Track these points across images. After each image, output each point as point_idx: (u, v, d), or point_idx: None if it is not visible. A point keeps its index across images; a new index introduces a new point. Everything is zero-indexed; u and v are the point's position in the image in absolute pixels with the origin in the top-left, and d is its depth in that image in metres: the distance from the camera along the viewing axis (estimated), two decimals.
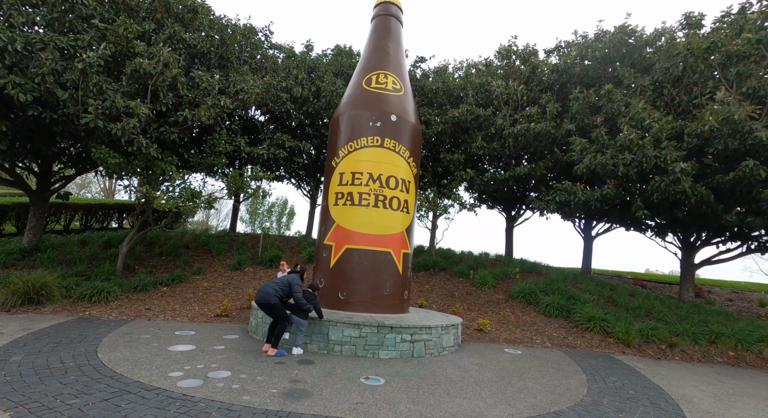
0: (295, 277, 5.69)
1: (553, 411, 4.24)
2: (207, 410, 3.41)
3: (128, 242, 9.63)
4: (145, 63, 7.61)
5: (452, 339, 6.63)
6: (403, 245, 7.31)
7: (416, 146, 7.92)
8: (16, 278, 7.47)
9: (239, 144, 10.96)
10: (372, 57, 8.19)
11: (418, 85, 14.91)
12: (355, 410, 3.71)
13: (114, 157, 7.90)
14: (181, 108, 8.78)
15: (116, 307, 7.76)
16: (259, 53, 13.82)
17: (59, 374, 4.04)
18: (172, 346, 5.44)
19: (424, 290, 11.29)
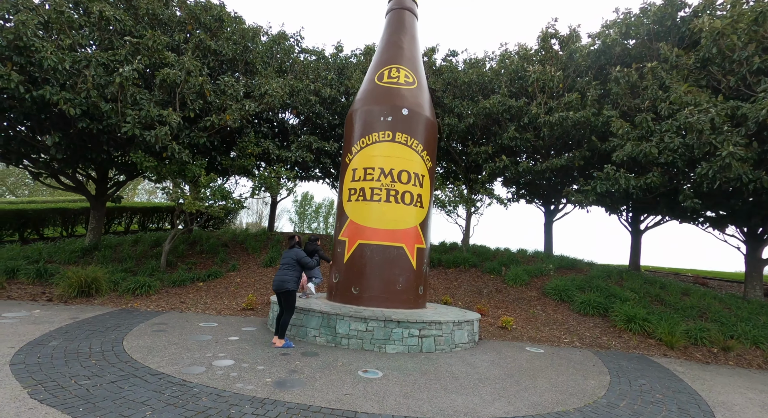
0: (298, 251, 5.98)
1: (555, 411, 3.99)
2: (198, 395, 3.61)
3: (169, 241, 10.41)
4: (172, 72, 8.17)
5: (466, 335, 6.45)
6: (417, 240, 7.22)
7: (431, 140, 7.78)
8: (72, 273, 8.36)
9: (268, 146, 11.43)
10: (385, 52, 8.16)
11: (450, 78, 14.62)
12: (340, 400, 3.74)
13: (150, 161, 8.58)
14: (209, 114, 9.31)
15: (155, 300, 8.42)
16: (290, 58, 14.29)
17: (83, 358, 4.47)
18: (191, 336, 5.81)
19: (452, 286, 11.08)
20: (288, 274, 5.73)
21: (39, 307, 7.35)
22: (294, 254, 5.94)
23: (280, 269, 5.83)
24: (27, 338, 5.14)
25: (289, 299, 5.65)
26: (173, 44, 10.25)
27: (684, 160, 8.82)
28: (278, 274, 5.77)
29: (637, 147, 9.21)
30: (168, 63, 8.85)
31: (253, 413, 3.32)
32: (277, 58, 13.92)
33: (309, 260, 6.03)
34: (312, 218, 47.71)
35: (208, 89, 9.03)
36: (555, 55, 13.03)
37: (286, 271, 5.76)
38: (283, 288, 5.61)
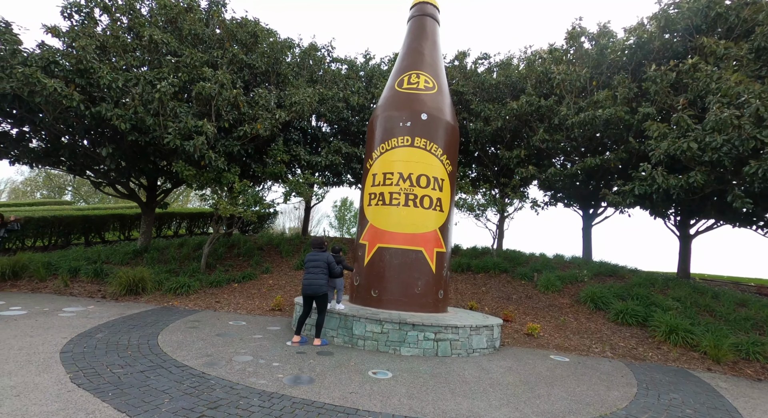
0: (329, 255, 6.13)
1: None
2: (213, 386, 3.89)
3: (209, 244, 11.12)
4: (207, 86, 8.80)
5: (485, 341, 6.37)
6: (436, 244, 7.24)
7: (451, 144, 7.78)
8: (122, 273, 9.18)
9: (298, 153, 11.91)
10: (405, 58, 8.29)
11: (478, 81, 14.50)
12: (344, 398, 3.87)
13: (189, 170, 9.27)
14: (243, 123, 9.90)
15: (193, 299, 9.04)
16: (321, 68, 14.82)
17: (121, 349, 4.94)
18: (219, 333, 6.21)
19: (479, 292, 10.91)
20: (321, 278, 5.88)
21: (94, 303, 8.14)
22: (325, 257, 6.06)
23: (311, 273, 5.88)
24: (78, 330, 5.75)
25: (323, 302, 5.92)
26: (212, 60, 11.01)
27: (731, 158, 8.17)
28: (310, 278, 5.83)
29: (674, 143, 8.64)
30: (205, 78, 9.53)
31: (259, 405, 3.53)
32: (308, 68, 14.49)
33: (337, 268, 6.18)
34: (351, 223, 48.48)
35: (242, 101, 9.62)
36: (585, 53, 12.52)
37: (320, 275, 5.88)
38: (320, 292, 5.80)
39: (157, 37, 9.81)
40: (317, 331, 5.93)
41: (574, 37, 13.28)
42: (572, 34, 13.37)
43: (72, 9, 11.18)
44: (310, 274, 5.91)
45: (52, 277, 9.97)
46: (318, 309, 5.97)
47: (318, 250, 6.19)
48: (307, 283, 5.86)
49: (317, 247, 6.23)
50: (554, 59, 13.26)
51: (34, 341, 5.06)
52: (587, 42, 13.19)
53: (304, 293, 5.91)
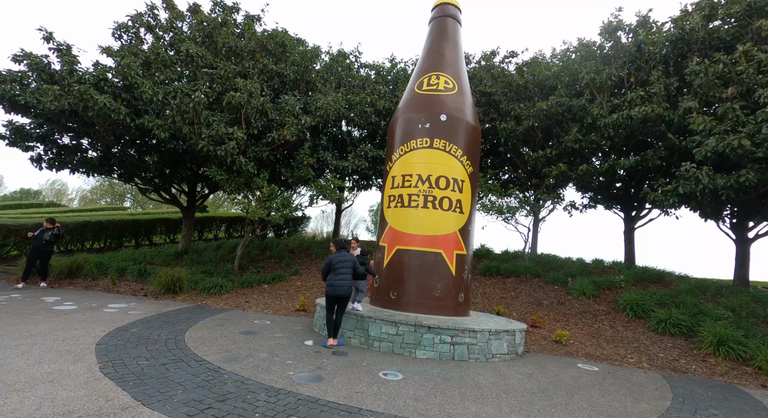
0: (354, 256, 6.18)
1: None
2: (226, 380, 4.06)
3: (241, 247, 11.61)
4: (237, 95, 9.24)
5: (506, 346, 6.16)
6: (456, 246, 7.12)
7: (472, 145, 7.65)
8: (162, 273, 9.80)
9: (325, 157, 12.18)
10: (426, 60, 8.28)
11: (506, 82, 14.17)
12: (350, 397, 3.90)
13: (221, 174, 9.76)
14: (271, 130, 10.29)
15: (225, 299, 9.46)
16: (349, 74, 15.09)
17: (150, 343, 5.28)
18: (242, 331, 6.46)
19: (508, 296, 10.57)
20: (351, 279, 5.93)
21: (135, 301, 8.75)
22: (353, 258, 6.09)
23: (343, 274, 5.85)
24: (117, 325, 6.21)
25: (346, 302, 6.00)
26: (244, 71, 11.56)
27: None
28: (342, 278, 5.82)
29: (723, 141, 7.96)
30: (237, 88, 10.01)
31: (265, 400, 3.65)
32: (336, 74, 14.81)
33: (361, 268, 6.21)
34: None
35: (269, 108, 10.01)
36: (622, 49, 11.86)
37: (350, 276, 5.91)
38: (349, 293, 5.88)
39: (193, 51, 10.45)
40: (336, 331, 6.00)
41: (610, 30, 12.63)
42: (608, 28, 12.72)
43: (121, 30, 12.19)
44: (342, 275, 5.85)
45: (102, 276, 10.82)
46: (339, 309, 6.00)
47: (344, 250, 6.21)
48: (340, 284, 5.79)
49: (343, 248, 6.25)
50: (585, 56, 12.68)
51: (77, 333, 5.52)
52: (624, 36, 12.49)
53: (335, 294, 5.79)
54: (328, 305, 5.94)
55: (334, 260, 5.97)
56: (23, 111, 10.18)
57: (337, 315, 6.01)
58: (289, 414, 3.39)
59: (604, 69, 11.55)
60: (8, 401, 3.18)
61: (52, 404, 3.19)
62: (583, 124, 11.99)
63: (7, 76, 9.82)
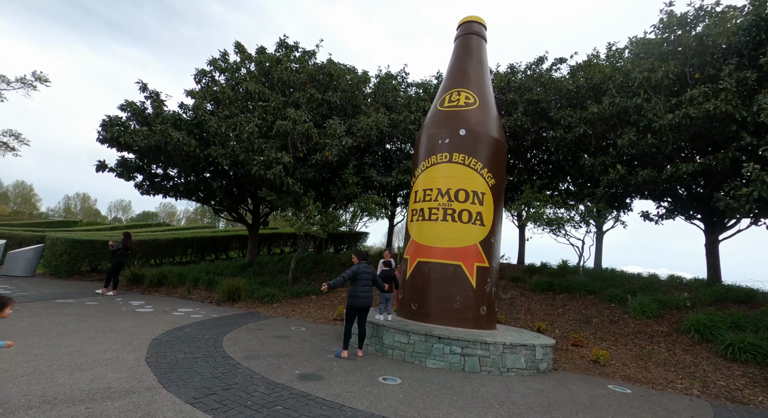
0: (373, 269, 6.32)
1: None
2: (238, 374, 4.69)
3: (295, 261, 12.66)
4: (283, 124, 10.35)
5: (523, 361, 6.00)
6: (477, 259, 7.14)
7: (495, 157, 7.67)
8: (225, 282, 11.12)
9: (371, 175, 12.86)
10: (448, 78, 8.54)
11: (555, 88, 13.68)
12: (338, 396, 4.26)
13: (271, 195, 10.90)
14: (316, 152, 11.25)
15: (275, 307, 10.42)
16: (397, 95, 15.79)
17: (193, 341, 6.19)
18: (275, 335, 7.17)
19: (554, 313, 10.02)
20: (371, 290, 6.14)
21: (201, 306, 10.07)
22: (373, 271, 6.28)
23: (365, 285, 6.03)
24: (176, 325, 7.32)
25: (367, 313, 6.21)
26: (296, 101, 12.83)
27: None
28: (365, 290, 6.02)
29: None
30: (285, 117, 11.21)
31: (262, 392, 4.18)
32: (384, 96, 15.59)
33: (380, 280, 6.51)
34: None
35: (313, 133, 11.00)
36: (682, 43, 10.83)
37: (370, 287, 6.13)
38: (370, 303, 6.11)
39: (252, 88, 11.96)
40: (361, 342, 6.25)
41: (668, 24, 11.61)
42: (670, 21, 11.70)
43: (200, 75, 14.35)
44: (365, 286, 6.04)
45: (181, 285, 12.56)
46: (360, 320, 6.22)
47: (365, 262, 6.35)
48: (364, 295, 5.99)
49: (364, 259, 6.41)
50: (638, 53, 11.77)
51: (143, 330, 6.68)
52: (683, 29, 11.39)
53: (360, 306, 5.98)
54: (349, 316, 6.09)
55: (359, 271, 6.08)
56: (126, 148, 12.46)
57: (360, 326, 6.26)
58: (275, 404, 3.87)
59: (661, 66, 10.64)
60: (72, 377, 4.13)
61: (100, 382, 4.06)
62: (639, 127, 11.10)
63: (114, 121, 12.16)
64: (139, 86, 12.50)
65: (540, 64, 15.09)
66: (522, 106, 14.22)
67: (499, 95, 15.20)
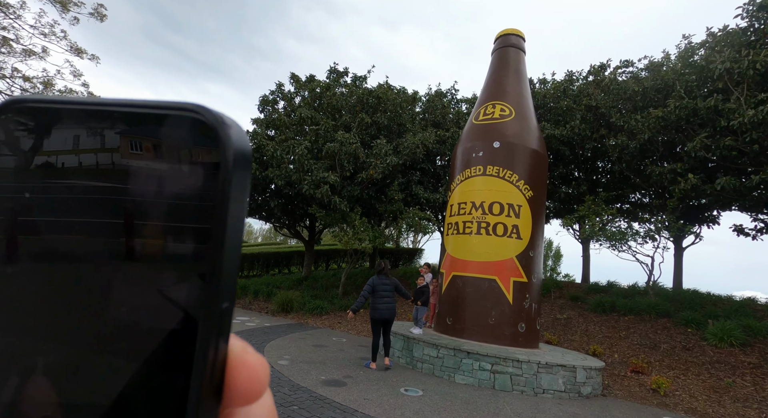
0: (394, 279, 6.39)
1: None
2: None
3: (345, 274, 13.13)
4: (332, 145, 11.02)
5: (561, 383, 5.61)
6: (513, 273, 6.89)
7: (533, 168, 7.44)
8: (280, 294, 11.89)
9: (417, 191, 13.03)
10: (484, 92, 8.53)
11: (618, 92, 12.81)
12: (355, 402, 4.40)
13: (320, 212, 11.54)
14: (361, 171, 11.76)
15: (323, 319, 10.86)
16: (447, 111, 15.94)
17: None
18: (315, 344, 7.52)
19: (614, 336, 9.15)
20: (393, 302, 6.28)
21: (257, 316, 10.86)
22: (393, 282, 6.36)
23: (386, 298, 6.11)
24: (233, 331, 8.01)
25: (391, 324, 6.28)
26: (346, 124, 13.58)
27: None
28: (386, 302, 6.09)
29: None
30: (335, 139, 11.92)
31: (285, 392, 4.47)
32: (433, 113, 15.83)
33: (404, 289, 6.66)
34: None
35: (360, 153, 11.53)
36: None
37: (391, 299, 6.26)
38: (393, 315, 6.17)
39: (304, 114, 12.93)
40: (386, 351, 6.29)
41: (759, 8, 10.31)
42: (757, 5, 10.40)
43: (262, 105, 15.86)
44: (386, 298, 6.12)
45: (244, 296, 13.64)
46: (385, 331, 6.27)
47: (384, 275, 6.39)
48: (385, 307, 6.08)
49: (382, 272, 6.42)
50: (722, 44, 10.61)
51: None
52: None
53: (381, 318, 6.07)
54: (374, 328, 6.17)
55: (374, 283, 6.20)
56: None
57: (385, 337, 6.26)
58: (292, 404, 4.12)
59: (747, 55, 9.46)
60: None
61: None
62: (715, 128, 9.95)
63: None
64: None
65: (603, 71, 14.28)
66: (579, 113, 13.52)
67: (553, 104, 14.62)
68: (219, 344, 0.20)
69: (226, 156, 0.20)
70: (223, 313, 0.20)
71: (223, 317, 0.20)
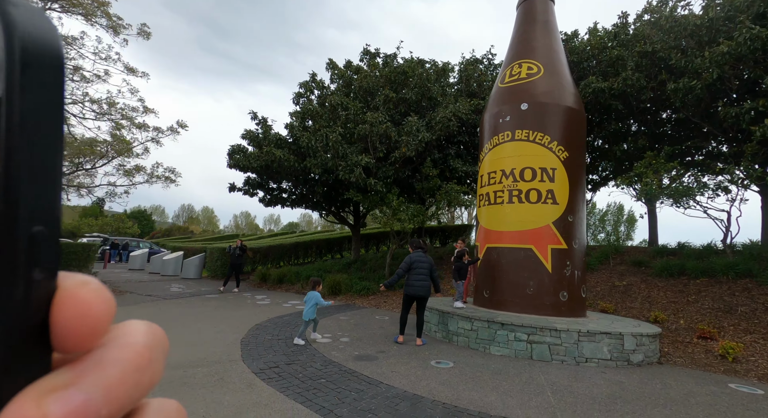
0: (430, 259, 6.30)
1: None
2: (303, 352, 5.35)
3: (389, 255, 13.30)
4: (363, 127, 11.04)
5: (607, 351, 5.27)
6: (551, 240, 6.52)
7: (567, 127, 6.90)
8: (329, 278, 12.38)
9: (455, 165, 12.69)
10: (509, 52, 7.99)
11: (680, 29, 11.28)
12: (382, 374, 4.52)
13: (357, 195, 11.71)
14: (394, 150, 11.68)
15: (370, 299, 11.16)
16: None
17: (285, 326, 7.18)
18: (356, 323, 7.78)
19: (682, 301, 8.35)
20: (428, 279, 6.19)
21: None
22: (430, 261, 6.28)
23: (421, 275, 6.09)
24: (279, 314, 8.55)
25: (426, 302, 6.24)
26: (375, 104, 13.50)
27: None
28: (422, 279, 6.07)
29: None
30: (365, 121, 11.93)
31: (316, 368, 4.71)
32: (469, 83, 15.16)
33: (437, 276, 6.38)
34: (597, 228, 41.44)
35: (391, 132, 11.44)
36: None
37: (426, 276, 6.19)
38: (427, 292, 6.13)
39: (335, 101, 13.05)
40: (419, 331, 6.23)
41: None
42: None
43: (297, 98, 16.25)
44: (421, 276, 6.09)
45: (297, 282, 14.40)
46: (419, 309, 6.27)
47: (422, 252, 6.41)
48: (420, 285, 6.07)
49: (420, 247, 6.46)
50: None
51: (253, 317, 8.01)
52: None
53: (415, 295, 6.06)
54: (405, 304, 6.21)
55: (413, 260, 6.17)
56: (246, 170, 14.90)
57: (419, 315, 6.24)
58: (321, 377, 4.34)
59: None
60: (186, 350, 5.33)
61: (202, 354, 5.16)
62: None
63: (235, 149, 14.67)
64: (251, 115, 14.82)
65: (662, 8, 12.67)
66: (633, 60, 12.16)
67: (599, 54, 13.29)
68: (33, 276, 0.17)
69: (11, 46, 0.15)
70: (33, 238, 0.17)
71: (34, 242, 0.17)
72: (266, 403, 3.59)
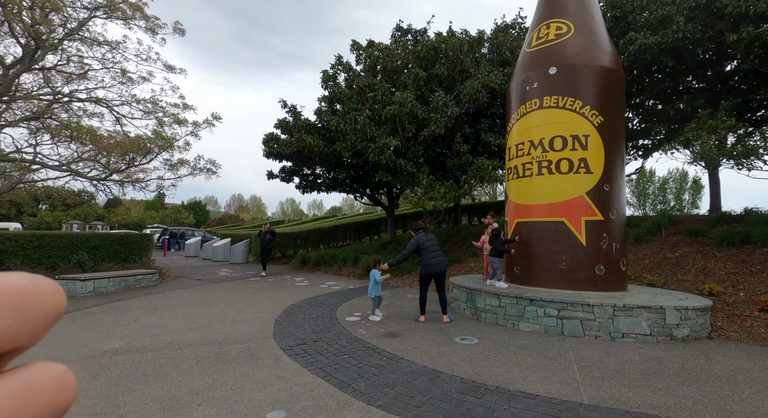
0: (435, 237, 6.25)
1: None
2: (331, 330, 5.53)
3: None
4: (391, 108, 10.89)
5: (645, 325, 4.96)
6: (584, 212, 6.15)
7: (602, 88, 6.38)
8: (363, 259, 12.60)
9: (488, 139, 12.23)
10: (537, 13, 7.44)
11: None
12: (404, 351, 4.58)
13: (387, 176, 11.66)
14: (422, 129, 11.44)
15: (404, 278, 11.24)
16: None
17: (318, 306, 7.44)
18: (387, 302, 7.88)
19: (742, 272, 7.64)
20: (444, 254, 6.14)
21: (344, 280, 11.73)
22: (436, 238, 6.26)
23: (437, 252, 6.09)
24: (315, 294, 8.86)
25: (444, 279, 6.20)
26: (403, 83, 13.22)
27: None
28: (437, 255, 6.05)
29: None
30: (393, 101, 11.75)
31: (342, 344, 4.86)
32: (500, 51, 14.39)
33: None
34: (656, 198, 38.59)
35: (418, 110, 11.19)
36: None
37: (440, 252, 6.11)
38: (445, 268, 6.08)
39: (362, 83, 12.93)
40: (444, 308, 6.16)
41: None
42: None
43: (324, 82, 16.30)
44: (437, 252, 6.07)
45: (335, 263, 14.80)
46: (439, 287, 6.16)
47: (425, 231, 6.30)
48: (437, 261, 6.03)
49: (422, 229, 6.36)
50: None
51: (290, 298, 8.38)
52: None
53: (433, 272, 5.99)
54: (423, 284, 6.15)
55: (422, 240, 6.10)
56: (280, 158, 15.31)
57: (440, 293, 6.16)
58: (344, 353, 4.48)
59: None
60: (224, 328, 5.70)
61: (238, 332, 5.49)
62: None
63: (269, 137, 15.09)
64: (281, 104, 15.09)
65: None
66: (684, 12, 10.92)
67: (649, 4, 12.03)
68: None
69: None
70: None
71: None
72: (289, 377, 3.77)
